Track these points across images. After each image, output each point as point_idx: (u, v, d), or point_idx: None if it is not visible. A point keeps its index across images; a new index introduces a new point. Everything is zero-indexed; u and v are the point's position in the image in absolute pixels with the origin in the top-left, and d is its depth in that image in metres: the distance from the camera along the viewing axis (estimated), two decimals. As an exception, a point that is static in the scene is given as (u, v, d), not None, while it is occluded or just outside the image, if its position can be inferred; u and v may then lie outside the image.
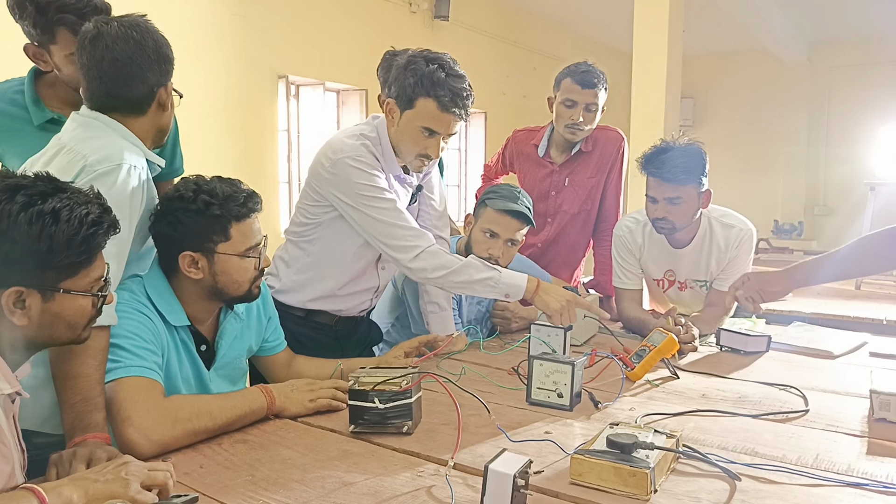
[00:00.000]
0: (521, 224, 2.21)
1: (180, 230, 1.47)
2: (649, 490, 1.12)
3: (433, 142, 1.85)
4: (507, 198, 2.22)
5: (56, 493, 0.99)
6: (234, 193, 1.49)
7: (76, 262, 1.13)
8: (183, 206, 1.47)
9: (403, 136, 1.87)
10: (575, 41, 7.25)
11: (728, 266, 2.35)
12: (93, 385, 1.29)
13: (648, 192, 2.26)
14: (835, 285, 3.84)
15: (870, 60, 7.40)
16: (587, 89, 2.57)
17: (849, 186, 6.85)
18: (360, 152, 1.86)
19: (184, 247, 1.47)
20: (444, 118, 1.82)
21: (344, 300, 2.04)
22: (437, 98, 1.80)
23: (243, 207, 1.50)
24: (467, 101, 1.84)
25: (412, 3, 5.40)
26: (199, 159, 2.82)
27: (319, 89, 4.81)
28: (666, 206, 2.23)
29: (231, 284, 1.51)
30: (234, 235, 1.49)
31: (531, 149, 2.80)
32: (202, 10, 3.85)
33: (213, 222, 1.47)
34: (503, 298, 1.96)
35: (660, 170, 2.20)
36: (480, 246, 2.23)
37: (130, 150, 1.42)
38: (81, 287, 1.16)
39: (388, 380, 1.39)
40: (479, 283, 1.87)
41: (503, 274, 1.90)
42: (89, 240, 1.13)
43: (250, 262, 1.52)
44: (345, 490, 1.17)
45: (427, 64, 1.82)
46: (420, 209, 2.15)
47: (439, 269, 1.85)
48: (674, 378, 1.83)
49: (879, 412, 1.50)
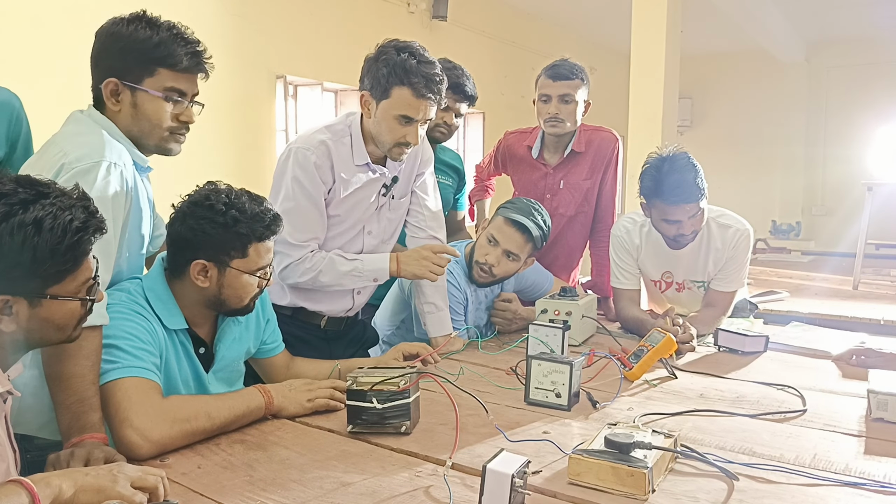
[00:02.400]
0: (524, 239, 2.20)
1: (200, 237, 1.46)
2: (647, 490, 1.12)
3: (411, 129, 1.87)
4: (521, 211, 2.23)
5: (45, 484, 0.98)
6: (261, 213, 1.50)
7: (62, 269, 1.11)
8: (210, 217, 1.46)
9: (381, 126, 1.89)
10: (573, 41, 7.25)
11: (725, 266, 2.35)
12: (87, 385, 1.28)
13: (667, 217, 2.23)
14: (832, 285, 3.85)
15: (868, 60, 7.41)
16: (558, 81, 2.57)
17: (846, 186, 6.85)
18: (311, 145, 1.90)
19: (198, 254, 1.47)
20: (420, 104, 1.85)
21: (322, 299, 2.04)
22: (411, 85, 1.82)
23: (267, 230, 1.51)
24: (440, 85, 1.87)
25: (410, 4, 5.39)
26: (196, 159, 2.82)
27: (317, 89, 4.80)
28: (690, 223, 2.23)
29: (233, 298, 1.52)
30: (251, 254, 1.50)
31: (524, 150, 2.79)
32: (200, 9, 3.84)
33: (235, 238, 1.47)
34: (373, 283, 2.03)
35: (673, 195, 2.17)
36: (480, 250, 2.24)
37: (113, 146, 1.39)
38: (69, 292, 1.14)
39: (386, 380, 1.39)
40: (345, 276, 1.95)
41: (365, 261, 1.96)
42: (75, 247, 1.11)
43: (256, 280, 1.53)
44: (343, 490, 1.17)
45: (398, 53, 1.84)
46: (412, 210, 2.15)
47: (306, 273, 1.91)
48: (672, 378, 1.83)
49: (877, 412, 1.50)
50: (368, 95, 1.90)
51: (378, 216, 2.06)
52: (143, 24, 1.43)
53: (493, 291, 2.42)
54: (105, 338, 1.35)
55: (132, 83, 1.43)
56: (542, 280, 2.56)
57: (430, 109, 1.88)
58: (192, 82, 1.50)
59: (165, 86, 1.45)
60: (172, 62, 1.44)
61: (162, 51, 1.43)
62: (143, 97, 1.45)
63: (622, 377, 1.77)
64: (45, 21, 3.10)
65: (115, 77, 1.43)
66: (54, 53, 3.05)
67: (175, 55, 1.44)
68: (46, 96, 2.26)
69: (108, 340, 1.36)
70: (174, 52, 1.44)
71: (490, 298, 2.41)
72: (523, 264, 2.29)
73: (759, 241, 5.83)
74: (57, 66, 2.99)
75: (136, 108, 1.45)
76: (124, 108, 1.45)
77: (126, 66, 1.43)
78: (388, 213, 2.08)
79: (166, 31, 1.44)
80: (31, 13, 3.07)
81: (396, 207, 2.10)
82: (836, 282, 3.95)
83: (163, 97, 1.45)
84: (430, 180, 2.18)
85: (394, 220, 2.12)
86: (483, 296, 2.38)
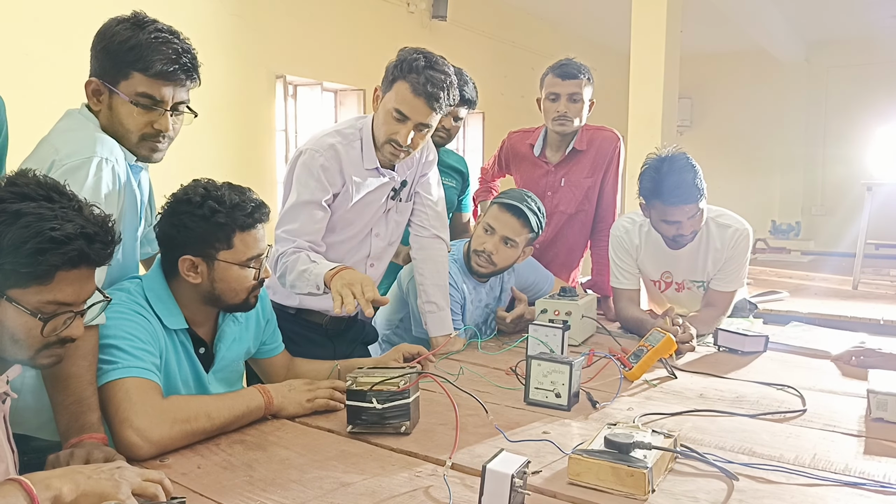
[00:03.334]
0: (520, 224, 2.21)
1: (183, 233, 1.46)
2: (647, 490, 1.12)
3: (403, 128, 1.86)
4: (513, 197, 2.26)
5: (44, 485, 0.96)
6: (241, 202, 1.48)
7: (22, 272, 1.04)
8: (189, 210, 1.45)
9: (378, 119, 1.91)
10: (572, 41, 7.25)
11: (724, 266, 2.35)
12: (85, 385, 1.28)
13: (666, 218, 2.24)
14: (832, 285, 3.85)
15: (868, 60, 7.40)
16: (567, 80, 2.61)
17: (846, 186, 6.85)
18: (320, 148, 1.90)
19: (185, 250, 1.47)
20: (416, 103, 1.83)
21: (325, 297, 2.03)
22: (411, 81, 1.82)
23: (249, 218, 1.48)
24: (442, 91, 1.83)
25: (410, 4, 5.39)
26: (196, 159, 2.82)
27: (317, 89, 4.80)
28: (690, 223, 2.24)
29: (228, 292, 1.50)
30: (237, 244, 1.48)
31: (527, 149, 2.82)
32: (200, 9, 3.84)
33: (217, 229, 1.46)
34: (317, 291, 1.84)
35: (673, 196, 2.17)
36: (478, 240, 2.25)
37: (105, 142, 1.38)
38: (29, 303, 1.07)
39: (385, 380, 1.39)
40: (299, 276, 1.82)
41: (319, 265, 1.82)
42: (38, 254, 1.04)
43: (250, 272, 1.51)
44: (343, 490, 1.17)
45: (413, 52, 1.86)
46: (416, 209, 2.15)
47: (279, 269, 1.87)
48: (671, 378, 1.83)
49: (877, 412, 1.50)
50: (380, 89, 1.92)
51: (386, 219, 2.08)
52: (128, 25, 1.41)
53: (493, 289, 2.41)
54: (105, 338, 1.35)
55: (109, 84, 1.42)
56: (542, 280, 2.56)
57: (426, 113, 1.85)
58: (169, 89, 1.44)
59: (137, 90, 1.42)
60: (144, 66, 1.40)
61: (135, 54, 1.39)
62: (117, 100, 1.43)
63: (622, 377, 1.76)
64: (45, 21, 3.10)
65: (96, 76, 1.42)
66: (54, 53, 3.05)
67: (147, 60, 1.39)
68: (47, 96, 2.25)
69: (108, 340, 1.35)
70: (147, 57, 1.39)
71: (489, 296, 2.41)
72: (522, 253, 2.29)
73: (759, 240, 5.83)
74: (57, 66, 2.99)
75: (112, 110, 1.44)
76: (103, 109, 1.44)
77: (105, 66, 1.42)
78: (396, 215, 2.10)
79: (148, 35, 1.40)
80: (32, 13, 3.07)
81: (403, 210, 2.12)
82: (835, 282, 3.95)
83: (131, 102, 1.42)
84: (434, 178, 2.18)
85: (401, 222, 2.14)
86: (484, 293, 2.38)
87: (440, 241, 2.16)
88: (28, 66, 3.02)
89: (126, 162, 1.44)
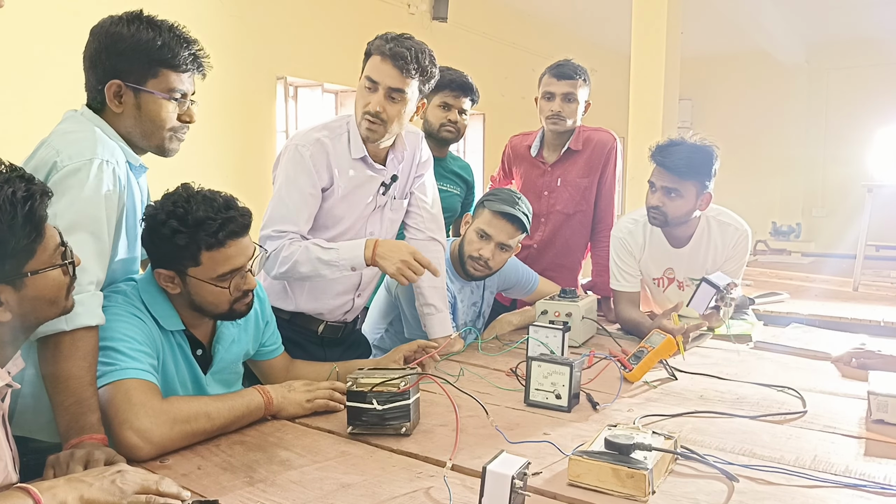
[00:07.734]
0: (514, 229, 2.21)
1: (151, 249, 1.46)
2: (647, 491, 1.12)
3: (375, 96, 1.87)
4: (506, 201, 2.23)
5: (51, 495, 0.97)
6: (207, 220, 1.39)
7: (29, 243, 1.09)
8: (154, 227, 1.42)
9: (356, 100, 1.93)
10: (573, 43, 7.25)
11: (723, 266, 2.36)
12: (84, 386, 1.28)
13: (650, 178, 2.30)
14: (832, 286, 3.85)
15: (868, 62, 7.41)
16: (563, 80, 2.66)
17: (846, 188, 6.84)
18: (306, 142, 1.91)
19: (157, 264, 1.46)
20: (383, 66, 1.85)
21: (322, 297, 2.04)
22: (378, 49, 1.86)
23: (213, 238, 1.40)
24: (409, 52, 1.84)
25: (410, 5, 5.40)
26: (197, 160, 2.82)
27: (318, 90, 4.81)
28: (662, 196, 2.26)
29: (208, 305, 1.48)
30: (205, 262, 1.42)
31: (525, 150, 2.85)
32: (200, 10, 3.84)
33: (179, 249, 1.41)
34: (350, 272, 1.91)
35: (665, 159, 2.24)
36: (472, 246, 2.24)
37: (105, 144, 1.38)
38: (45, 263, 1.12)
39: (386, 381, 1.39)
40: (325, 265, 1.84)
41: (341, 249, 1.86)
42: (30, 217, 1.08)
43: (225, 286, 1.46)
44: (343, 491, 1.16)
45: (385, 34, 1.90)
46: (411, 211, 2.15)
47: (284, 262, 1.86)
48: (672, 379, 1.83)
49: (877, 413, 1.50)
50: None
51: (381, 216, 2.06)
52: (144, 25, 1.42)
53: (478, 287, 2.43)
54: (102, 340, 1.34)
55: (135, 84, 1.43)
56: (525, 280, 2.55)
57: (395, 75, 1.84)
58: (191, 82, 1.51)
59: (169, 87, 1.45)
60: (176, 63, 1.45)
61: (166, 52, 1.43)
62: (147, 98, 1.45)
63: (622, 378, 1.77)
64: (45, 22, 3.11)
65: (117, 79, 1.43)
66: (54, 54, 3.05)
67: (179, 57, 1.45)
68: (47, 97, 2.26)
69: (106, 342, 1.35)
70: (178, 54, 1.44)
71: (476, 295, 2.42)
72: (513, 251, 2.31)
73: (760, 242, 5.84)
74: (57, 66, 2.99)
75: (140, 109, 1.45)
76: (127, 110, 1.45)
77: (129, 67, 1.42)
78: (390, 213, 2.08)
79: (168, 32, 1.44)
80: (32, 13, 3.07)
81: (397, 208, 2.11)
82: (836, 283, 3.95)
83: (167, 98, 1.45)
84: (430, 181, 2.18)
85: (396, 220, 2.12)
86: (469, 292, 2.39)
87: (436, 243, 2.15)
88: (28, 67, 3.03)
89: (127, 163, 1.44)
